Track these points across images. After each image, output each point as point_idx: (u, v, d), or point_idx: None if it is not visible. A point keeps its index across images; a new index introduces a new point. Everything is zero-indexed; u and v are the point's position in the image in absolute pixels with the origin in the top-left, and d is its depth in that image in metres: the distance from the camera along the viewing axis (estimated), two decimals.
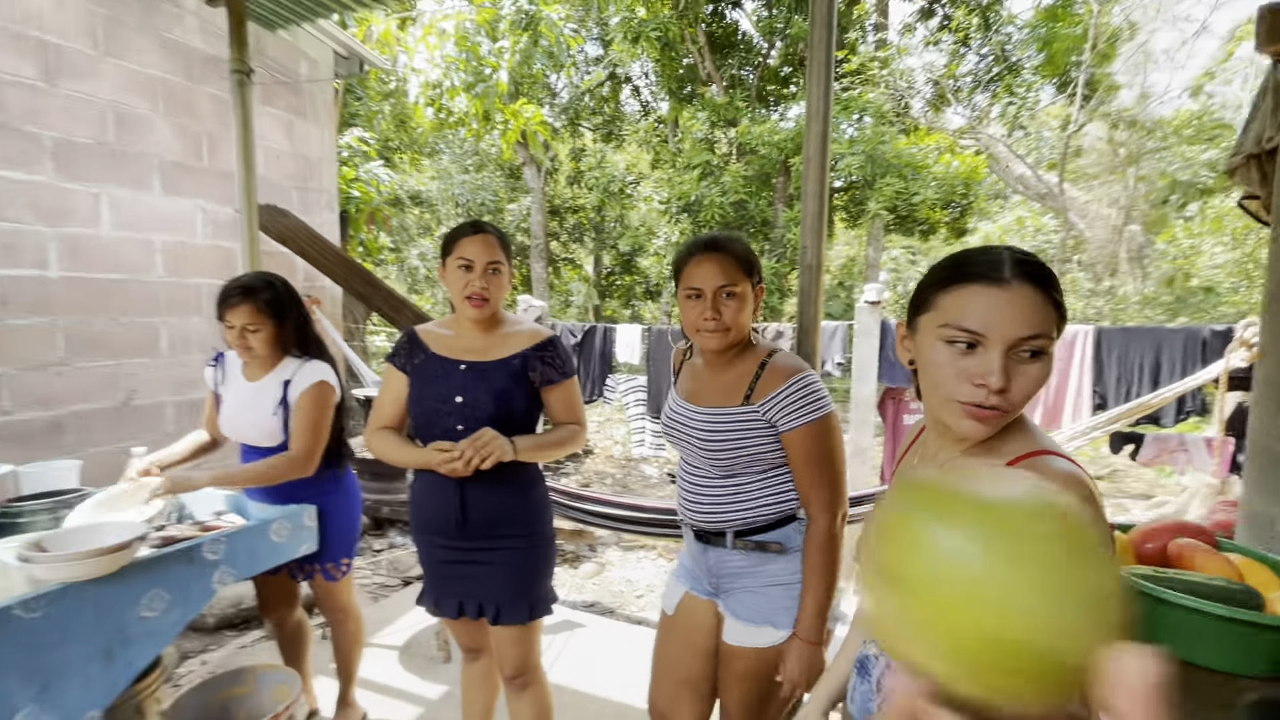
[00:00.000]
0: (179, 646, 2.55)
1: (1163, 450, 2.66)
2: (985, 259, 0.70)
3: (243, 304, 1.66)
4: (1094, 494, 0.64)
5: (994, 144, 10.76)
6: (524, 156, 10.96)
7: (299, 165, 3.82)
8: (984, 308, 0.68)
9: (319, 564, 1.84)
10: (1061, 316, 0.69)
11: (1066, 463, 0.67)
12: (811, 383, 1.20)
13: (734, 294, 1.19)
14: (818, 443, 1.19)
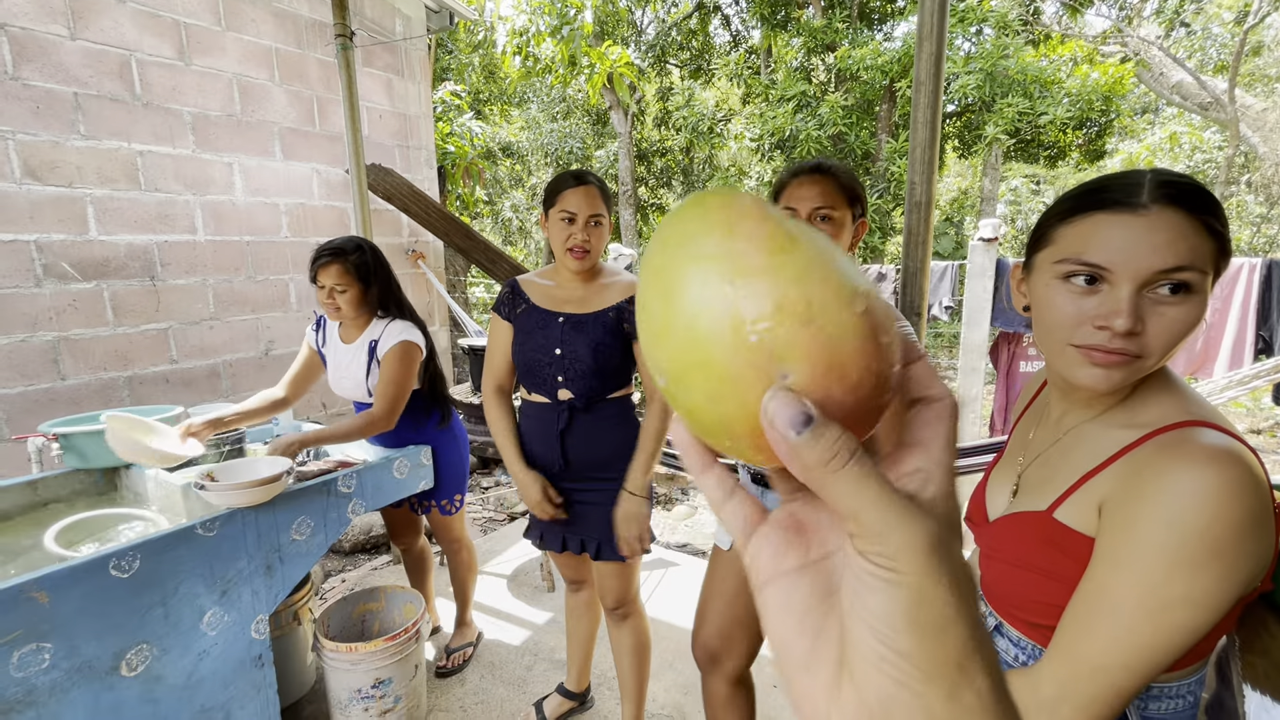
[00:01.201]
0: (323, 566, 2.92)
1: None
2: (1120, 182, 0.60)
3: (332, 264, 1.74)
4: (1254, 471, 0.56)
5: (1146, 48, 9.26)
6: (610, 101, 10.77)
7: (399, 123, 3.98)
8: (1112, 237, 0.59)
9: (434, 500, 2.02)
10: (1223, 249, 0.59)
11: (1221, 435, 0.58)
12: None
13: (830, 218, 1.15)
14: None
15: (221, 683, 1.44)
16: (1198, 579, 0.54)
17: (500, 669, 2.20)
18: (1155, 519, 0.55)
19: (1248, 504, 0.54)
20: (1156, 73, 9.48)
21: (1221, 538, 0.54)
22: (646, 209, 13.58)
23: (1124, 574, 0.56)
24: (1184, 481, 0.55)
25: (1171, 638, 0.55)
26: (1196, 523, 0.54)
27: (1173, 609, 0.54)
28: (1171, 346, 0.60)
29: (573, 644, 1.93)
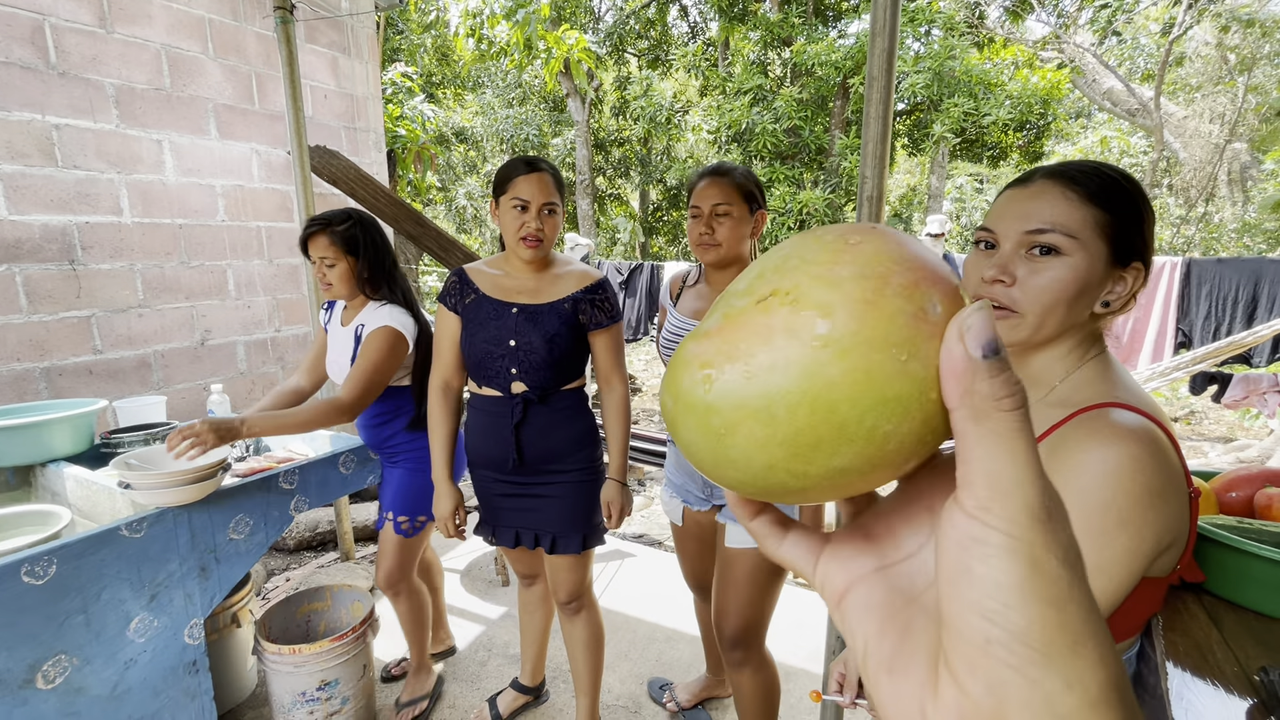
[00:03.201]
0: (265, 565, 2.80)
1: (1251, 392, 2.47)
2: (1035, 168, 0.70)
3: (319, 235, 1.65)
4: (1158, 448, 0.59)
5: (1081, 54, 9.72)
6: (568, 87, 10.62)
7: (346, 104, 3.82)
8: (1000, 207, 0.68)
9: (391, 514, 1.76)
10: (1111, 221, 0.64)
11: (1133, 415, 0.61)
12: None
13: (729, 214, 1.37)
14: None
15: (151, 691, 1.36)
16: (1105, 549, 0.57)
17: (454, 665, 2.16)
18: (1066, 493, 0.58)
19: (1148, 477, 0.57)
20: (1090, 79, 9.96)
21: (1125, 509, 0.57)
22: (604, 198, 13.49)
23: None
24: (1091, 457, 0.58)
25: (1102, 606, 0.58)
26: (1101, 495, 0.57)
27: (1092, 574, 0.56)
28: (1045, 305, 0.65)
29: (526, 638, 1.91)
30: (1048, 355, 0.70)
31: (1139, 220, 0.66)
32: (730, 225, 1.39)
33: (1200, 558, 0.76)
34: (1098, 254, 0.65)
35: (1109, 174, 0.67)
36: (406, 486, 1.75)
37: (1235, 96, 9.71)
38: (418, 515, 1.76)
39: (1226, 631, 0.68)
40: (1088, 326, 0.69)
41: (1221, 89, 10.07)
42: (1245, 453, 3.89)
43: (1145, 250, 0.67)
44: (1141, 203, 0.66)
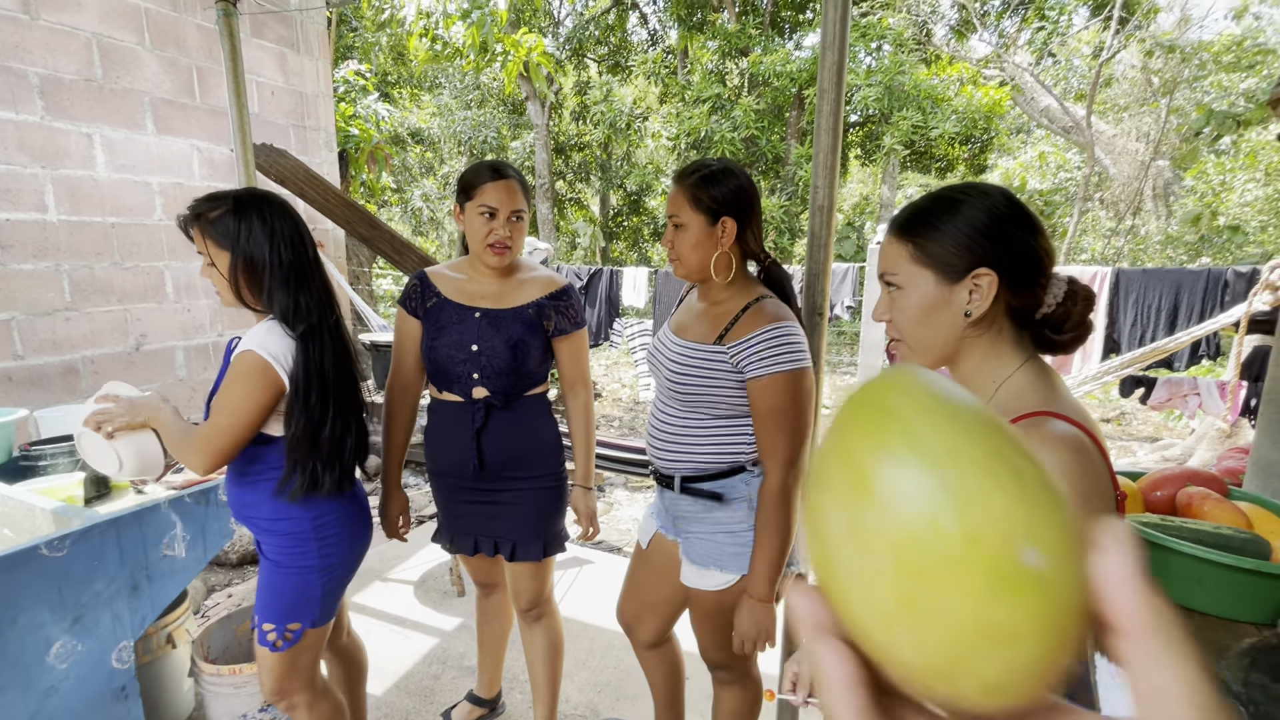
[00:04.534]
0: (205, 580, 2.67)
1: (1174, 394, 2.63)
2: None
3: (192, 225, 1.22)
4: (1085, 456, 0.62)
5: (1020, 73, 10.21)
6: (527, 91, 10.55)
7: (295, 102, 3.70)
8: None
9: (256, 620, 1.30)
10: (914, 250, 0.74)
11: (1062, 424, 0.64)
12: (789, 334, 1.16)
13: (680, 225, 1.25)
14: (782, 395, 1.15)
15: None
16: None
17: (406, 680, 2.10)
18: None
19: (1075, 484, 0.61)
20: (1029, 97, 10.47)
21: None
22: (564, 202, 13.43)
23: None
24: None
25: None
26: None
27: None
28: (907, 331, 0.76)
29: (484, 649, 1.87)
30: (969, 366, 0.75)
31: (951, 237, 0.71)
32: (684, 238, 1.24)
33: None
34: (923, 279, 0.73)
35: (916, 208, 0.75)
36: (272, 585, 1.29)
37: (1159, 117, 10.36)
38: (289, 622, 1.29)
39: None
40: (987, 337, 0.73)
41: (1146, 109, 10.73)
42: (1169, 451, 4.14)
43: (984, 258, 0.69)
44: (948, 220, 0.71)
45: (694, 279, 1.29)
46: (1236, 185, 8.60)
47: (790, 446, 1.17)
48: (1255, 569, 0.68)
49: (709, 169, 1.24)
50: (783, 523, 1.18)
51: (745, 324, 1.20)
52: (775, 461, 1.17)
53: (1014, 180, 10.98)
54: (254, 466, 1.27)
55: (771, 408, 1.16)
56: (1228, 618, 0.72)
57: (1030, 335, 0.74)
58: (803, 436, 1.18)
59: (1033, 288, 0.71)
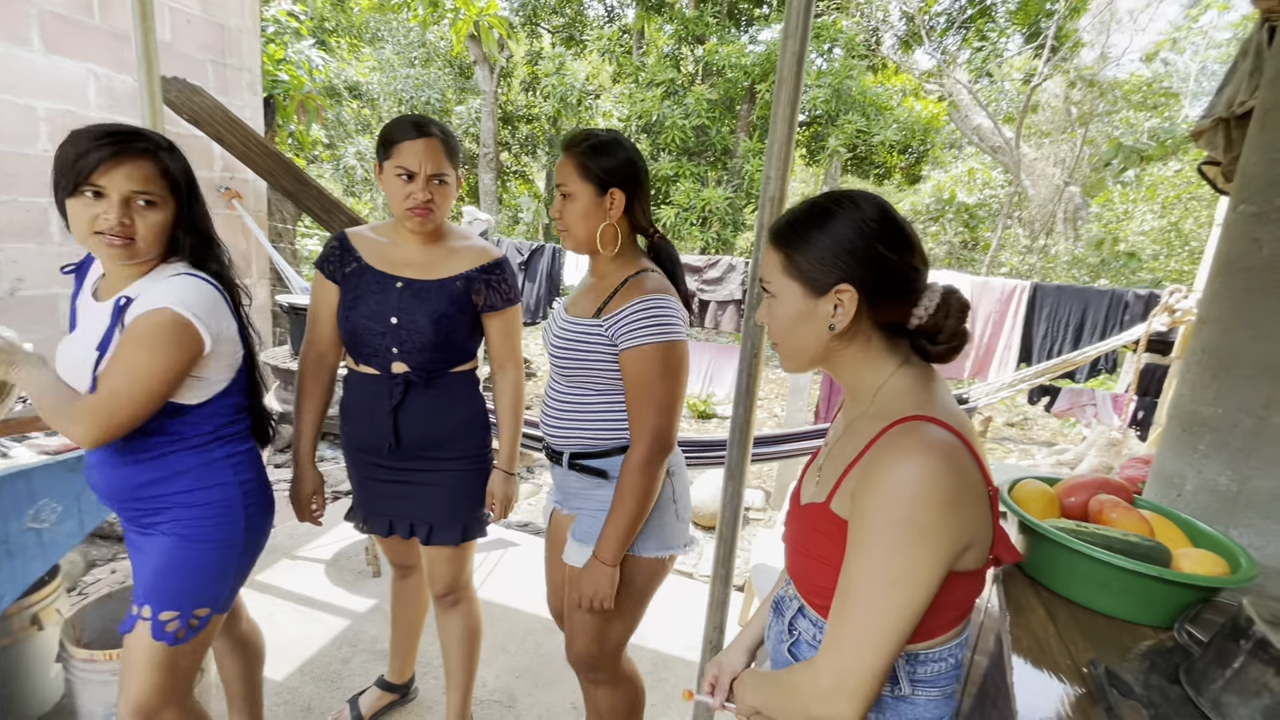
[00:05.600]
0: (85, 554, 2.43)
1: (1075, 403, 2.84)
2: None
3: (135, 159, 1.03)
4: (959, 458, 0.65)
5: (958, 90, 10.69)
6: (476, 54, 10.12)
7: (215, 35, 3.36)
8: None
9: (150, 609, 1.11)
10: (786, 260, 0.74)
11: (936, 429, 0.66)
12: (661, 306, 1.15)
13: (567, 195, 1.21)
14: (650, 367, 1.14)
15: None
16: (911, 557, 0.63)
17: (311, 664, 1.99)
18: (876, 507, 0.64)
19: (945, 489, 0.63)
20: (963, 114, 11.00)
21: (924, 519, 0.62)
22: (508, 175, 13.04)
23: (859, 561, 0.65)
24: (894, 474, 0.64)
25: (902, 612, 0.64)
26: (902, 510, 0.63)
27: (896, 586, 0.63)
28: (776, 338, 0.78)
29: (397, 632, 1.79)
30: (844, 373, 0.77)
31: (817, 252, 0.72)
32: (571, 208, 1.20)
33: (1041, 557, 0.83)
34: (792, 290, 0.74)
35: (792, 217, 0.75)
36: (179, 565, 1.12)
37: (1074, 145, 11.12)
38: (197, 607, 1.13)
39: (1061, 626, 0.75)
40: (855, 346, 0.74)
41: (1065, 137, 11.50)
42: (1063, 455, 4.49)
43: (847, 275, 0.70)
44: (817, 233, 0.72)
45: (581, 251, 1.26)
46: (1137, 215, 9.38)
47: (656, 420, 1.15)
48: (1158, 575, 0.72)
49: (598, 139, 1.20)
50: (639, 493, 1.16)
51: (622, 297, 1.18)
52: (640, 434, 1.16)
53: (944, 192, 11.54)
54: (156, 440, 1.11)
55: (639, 379, 1.15)
56: (1131, 621, 0.76)
57: (909, 342, 0.75)
58: (670, 411, 1.16)
59: (898, 303, 0.72)
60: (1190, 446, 1.02)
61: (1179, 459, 1.03)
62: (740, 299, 3.94)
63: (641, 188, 1.23)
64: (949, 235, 11.57)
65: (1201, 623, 0.71)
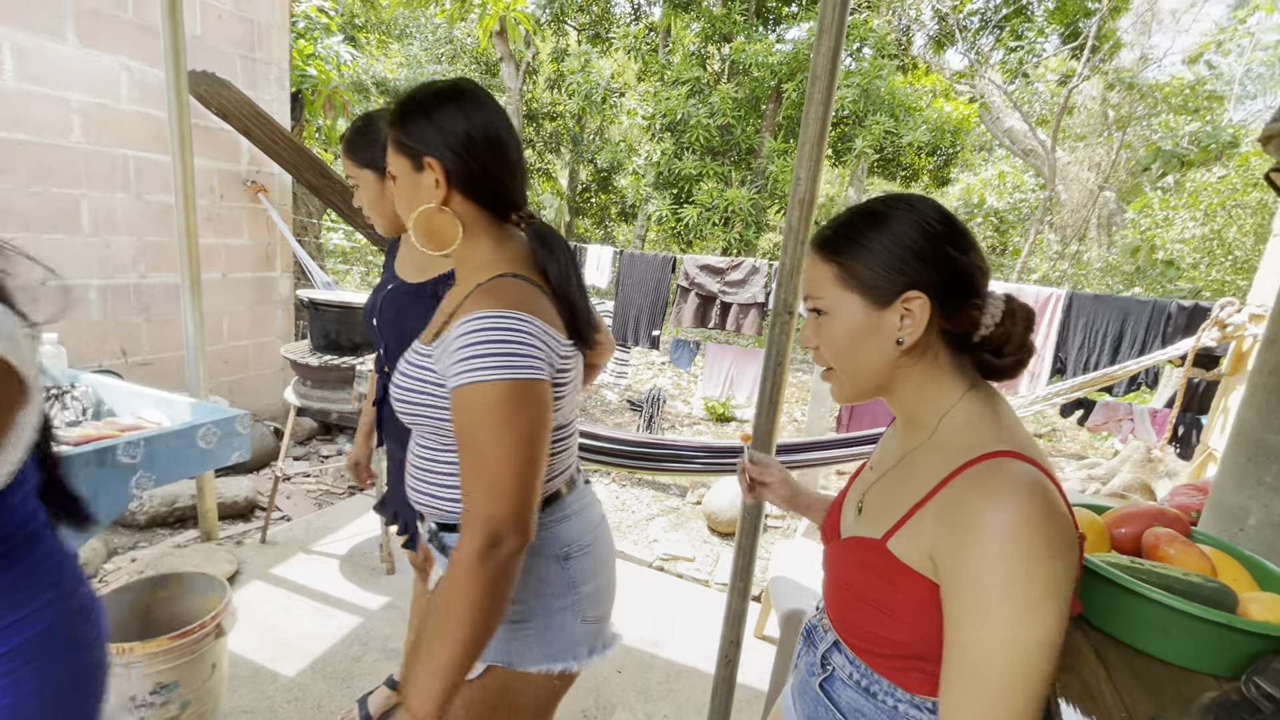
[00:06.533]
0: (106, 543, 2.46)
1: (1110, 417, 2.73)
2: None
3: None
4: (1053, 499, 0.57)
5: (990, 92, 10.45)
6: (502, 51, 10.15)
7: (244, 29, 3.39)
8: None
9: None
10: (841, 271, 0.67)
11: (1025, 466, 0.58)
12: (489, 328, 0.76)
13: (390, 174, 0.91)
14: (475, 420, 0.76)
15: None
16: (1046, 616, 0.54)
17: (322, 662, 1.98)
18: (985, 563, 0.55)
19: (1054, 533, 0.55)
20: (994, 116, 10.75)
21: (1047, 573, 0.54)
22: (532, 172, 13.07)
23: (983, 632, 0.55)
24: (996, 520, 0.55)
25: (1043, 684, 0.54)
26: (1022, 563, 0.54)
27: (1035, 655, 0.53)
28: (837, 360, 0.69)
29: (415, 632, 1.77)
30: (907, 397, 0.69)
31: (878, 257, 0.64)
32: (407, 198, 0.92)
33: (1090, 594, 0.77)
34: (850, 303, 0.66)
35: (840, 224, 0.69)
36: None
37: (1111, 149, 10.81)
38: None
39: (1113, 671, 0.69)
40: (922, 364, 0.67)
41: (1100, 141, 11.19)
42: (1095, 470, 4.34)
43: (915, 280, 0.64)
44: (875, 237, 0.65)
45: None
46: (1177, 222, 9.08)
47: (488, 498, 0.76)
48: (1227, 623, 0.66)
49: (413, 96, 0.86)
50: (468, 608, 0.75)
51: (460, 314, 0.81)
52: (468, 519, 0.77)
53: (973, 196, 11.30)
54: None
55: (463, 438, 0.78)
56: (1191, 669, 0.70)
57: (971, 360, 0.68)
58: (510, 485, 0.76)
59: (969, 309, 0.65)
60: (1255, 478, 0.95)
61: (1242, 490, 0.95)
62: (763, 302, 3.87)
63: (479, 152, 0.83)
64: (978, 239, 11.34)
65: (1272, 675, 0.65)
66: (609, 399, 6.25)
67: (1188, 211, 8.96)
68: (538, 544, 0.90)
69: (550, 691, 0.95)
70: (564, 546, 0.92)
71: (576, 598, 0.92)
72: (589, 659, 0.94)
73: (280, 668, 1.94)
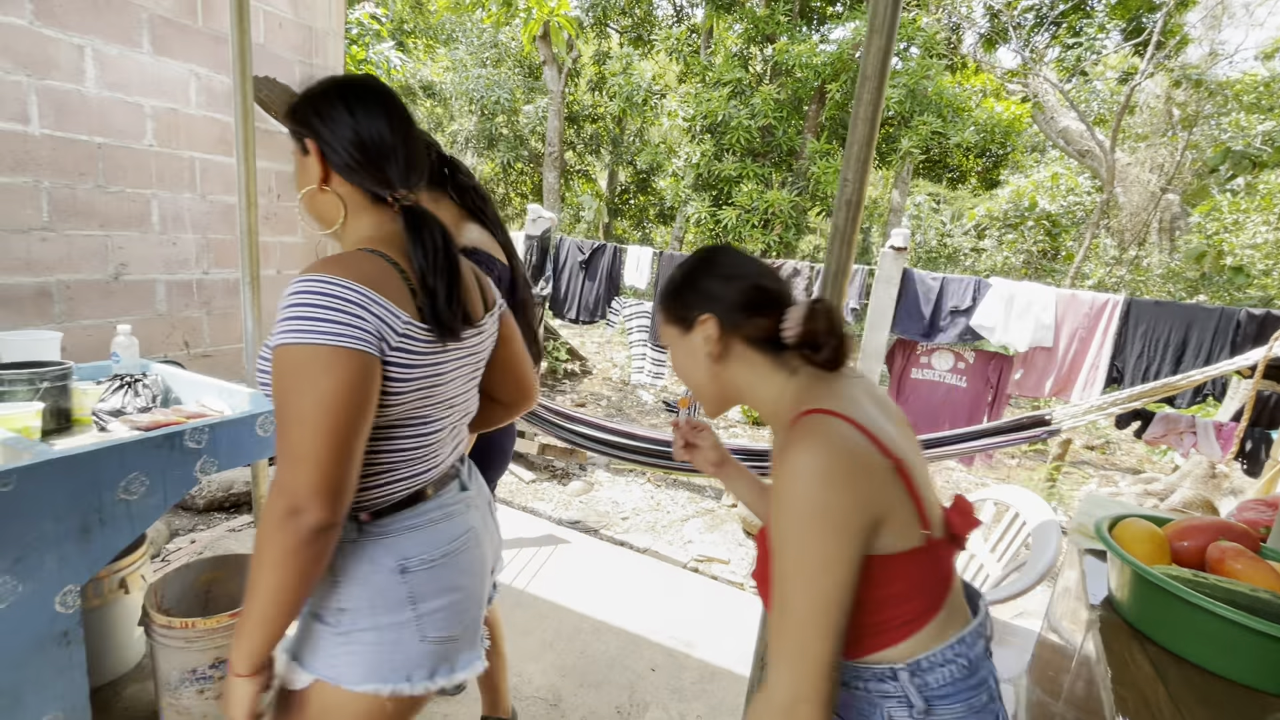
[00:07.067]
0: (169, 524, 2.59)
1: (1170, 430, 2.61)
2: None
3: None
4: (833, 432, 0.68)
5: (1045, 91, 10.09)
6: (545, 54, 10.29)
7: (303, 37, 3.53)
8: None
9: None
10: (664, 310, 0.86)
11: (824, 416, 0.70)
12: (307, 290, 0.75)
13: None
14: (278, 380, 0.75)
15: (10, 664, 1.21)
16: (823, 542, 0.65)
17: None
18: (780, 508, 0.67)
19: (834, 466, 0.66)
20: (1048, 116, 10.36)
21: (823, 501, 0.65)
22: (571, 173, 13.21)
23: (780, 564, 0.67)
24: (787, 467, 0.67)
25: (830, 600, 0.65)
26: (801, 498, 0.66)
27: (819, 576, 0.65)
28: (684, 379, 0.87)
29: None
30: (746, 395, 0.84)
31: (677, 297, 0.84)
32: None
33: (1149, 607, 0.75)
34: (673, 335, 0.86)
35: (665, 282, 0.89)
36: None
37: (1175, 150, 10.30)
38: None
39: (1172, 688, 0.67)
40: (741, 368, 0.82)
41: (1164, 141, 10.67)
42: (1152, 485, 4.15)
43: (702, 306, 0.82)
44: (674, 283, 0.85)
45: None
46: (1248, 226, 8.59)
47: (282, 464, 0.75)
48: None
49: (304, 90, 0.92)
50: (265, 568, 0.75)
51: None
52: (274, 480, 0.77)
53: (1024, 199, 10.92)
54: None
55: (273, 397, 0.77)
56: (1256, 688, 0.67)
57: (799, 358, 0.80)
58: (305, 449, 0.74)
59: (757, 318, 0.80)
60: None
61: None
62: None
63: (329, 124, 0.86)
64: (1028, 244, 10.94)
65: None
66: (644, 399, 6.27)
67: (1260, 215, 8.48)
68: (374, 551, 0.85)
69: (379, 715, 0.86)
70: (402, 559, 0.86)
71: (415, 614, 0.86)
72: (430, 682, 0.87)
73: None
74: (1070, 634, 1.01)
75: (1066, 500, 4.44)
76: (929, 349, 3.66)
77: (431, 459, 0.91)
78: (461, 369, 0.92)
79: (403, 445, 0.86)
